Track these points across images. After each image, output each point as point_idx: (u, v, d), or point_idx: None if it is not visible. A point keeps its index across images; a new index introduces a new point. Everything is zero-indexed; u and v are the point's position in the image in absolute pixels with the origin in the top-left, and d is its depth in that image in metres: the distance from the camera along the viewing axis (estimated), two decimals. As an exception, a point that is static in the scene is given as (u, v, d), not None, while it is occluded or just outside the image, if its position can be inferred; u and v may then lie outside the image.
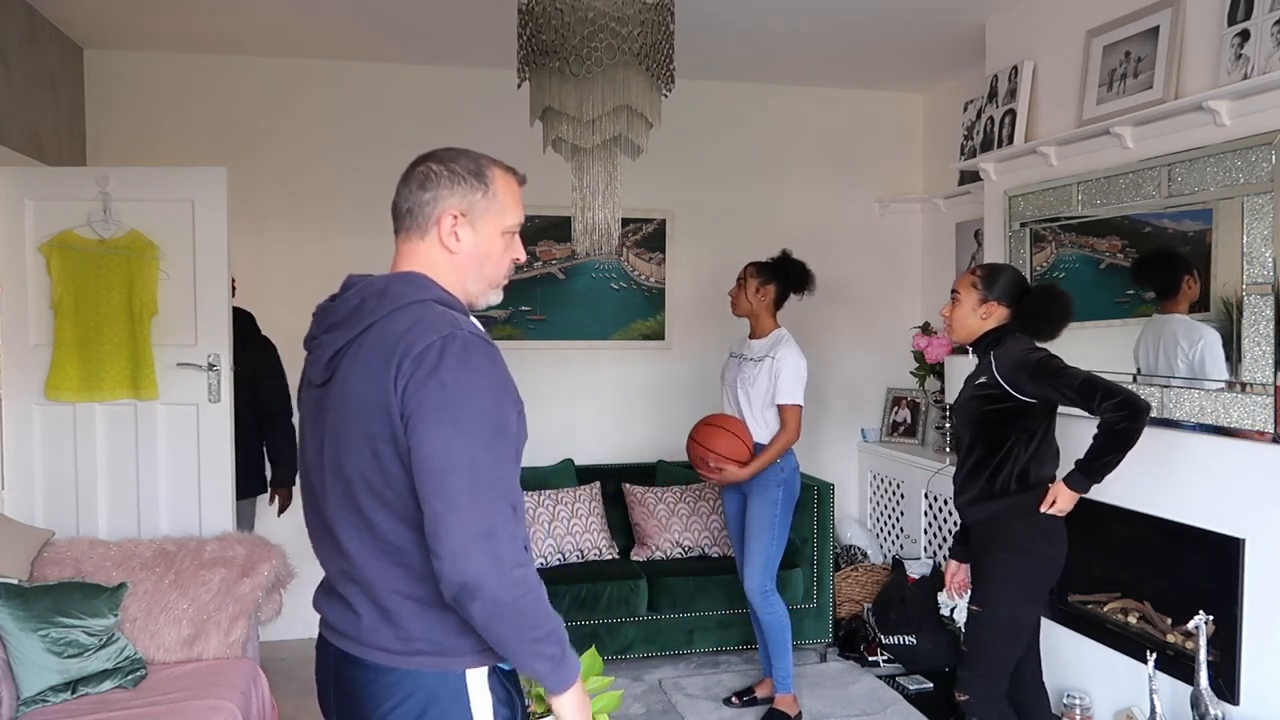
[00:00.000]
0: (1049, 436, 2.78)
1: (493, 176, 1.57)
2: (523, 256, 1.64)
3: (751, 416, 3.61)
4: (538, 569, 4.27)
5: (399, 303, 1.48)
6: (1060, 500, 2.68)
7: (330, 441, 1.49)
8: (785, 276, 3.67)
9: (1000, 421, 2.74)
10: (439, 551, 1.37)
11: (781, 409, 3.58)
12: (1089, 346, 3.52)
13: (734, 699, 3.84)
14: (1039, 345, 2.77)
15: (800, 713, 3.69)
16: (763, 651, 3.77)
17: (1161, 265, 3.22)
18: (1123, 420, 2.54)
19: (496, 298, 1.64)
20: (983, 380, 2.78)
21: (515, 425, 1.48)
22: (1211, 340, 2.99)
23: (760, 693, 3.82)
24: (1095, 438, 2.60)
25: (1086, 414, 2.64)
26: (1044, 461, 2.76)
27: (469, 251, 1.56)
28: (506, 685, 1.56)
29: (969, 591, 2.96)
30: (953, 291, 2.89)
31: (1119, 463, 2.60)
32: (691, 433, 3.65)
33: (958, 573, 3.02)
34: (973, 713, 2.77)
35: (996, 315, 2.80)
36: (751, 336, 3.73)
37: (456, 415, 1.39)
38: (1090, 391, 2.57)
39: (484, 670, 1.51)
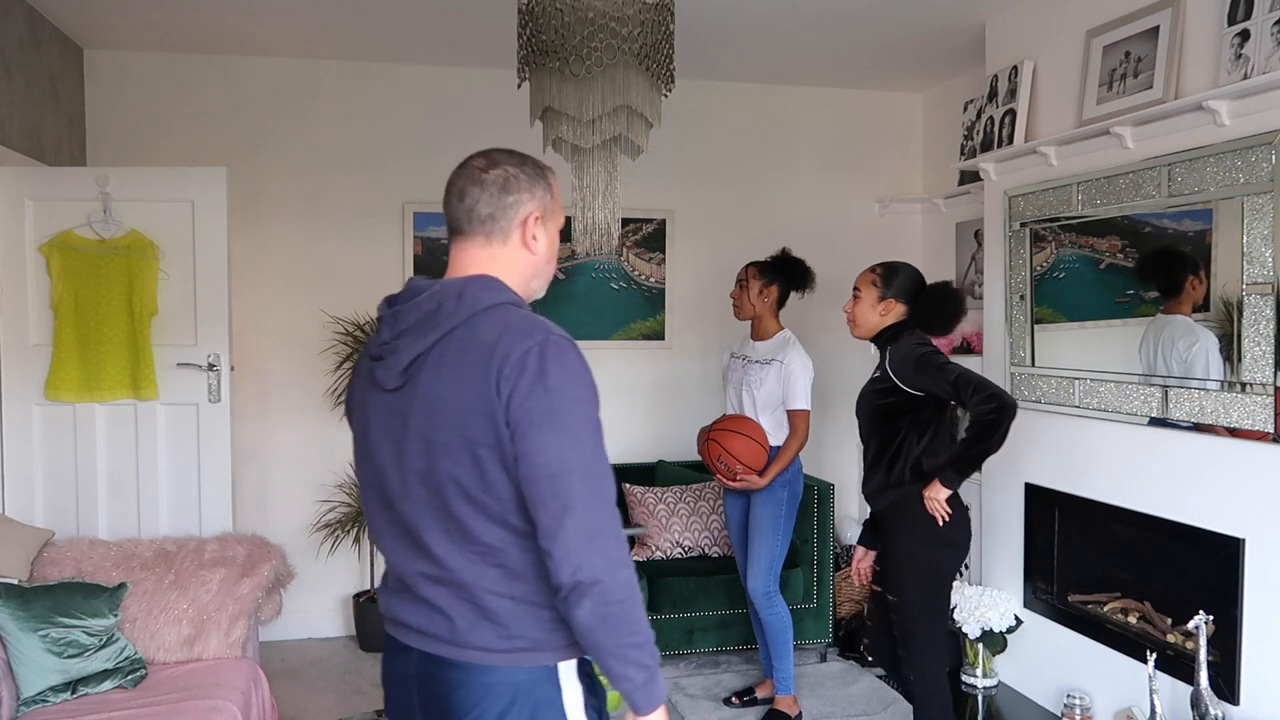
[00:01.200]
0: (941, 430, 2.91)
1: (551, 178, 1.61)
2: None
3: (756, 418, 3.59)
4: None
5: (478, 306, 1.48)
6: (931, 492, 2.81)
7: (416, 447, 1.47)
8: (787, 275, 3.65)
9: (893, 414, 2.88)
10: (554, 551, 1.39)
11: (791, 414, 3.57)
12: (1089, 346, 3.53)
13: (734, 699, 3.83)
14: (929, 341, 2.91)
15: (800, 713, 3.68)
16: (763, 652, 3.76)
17: (1165, 265, 3.22)
18: (990, 413, 2.71)
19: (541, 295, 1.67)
20: (877, 374, 2.93)
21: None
22: (1206, 343, 2.99)
23: (760, 693, 3.81)
24: (966, 430, 2.78)
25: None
26: (936, 453, 2.88)
27: (543, 252, 1.59)
28: (589, 674, 1.57)
29: (873, 576, 3.12)
30: (854, 288, 3.02)
31: (986, 456, 2.80)
32: (709, 433, 3.59)
33: (864, 559, 3.14)
34: (915, 691, 2.96)
35: (895, 312, 2.94)
36: (755, 337, 3.72)
37: (565, 421, 1.41)
38: (964, 386, 2.74)
39: (574, 663, 1.53)
